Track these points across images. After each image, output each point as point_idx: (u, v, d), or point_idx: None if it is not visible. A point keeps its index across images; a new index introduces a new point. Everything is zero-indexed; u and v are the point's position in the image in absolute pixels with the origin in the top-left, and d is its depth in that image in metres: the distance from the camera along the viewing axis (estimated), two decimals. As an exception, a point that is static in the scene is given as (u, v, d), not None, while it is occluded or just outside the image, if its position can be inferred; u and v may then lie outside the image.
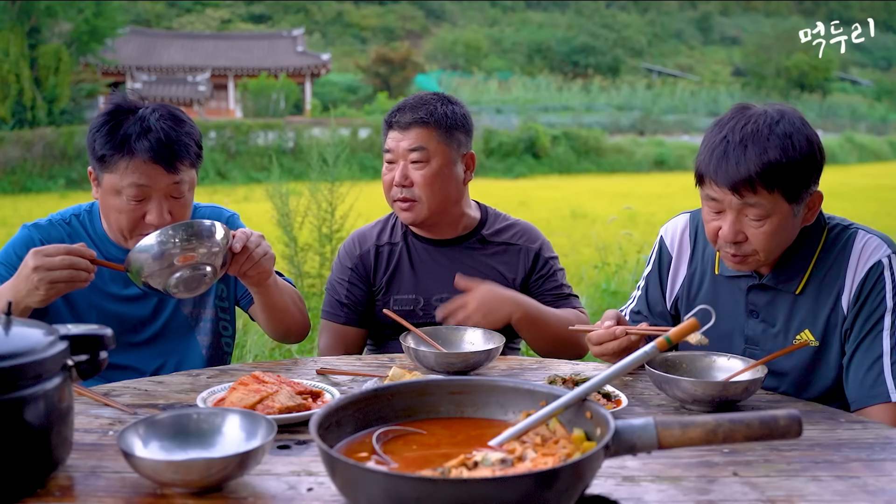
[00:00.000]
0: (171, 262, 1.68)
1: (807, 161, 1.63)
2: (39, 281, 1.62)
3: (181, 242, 1.68)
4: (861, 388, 1.66)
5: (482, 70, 47.93)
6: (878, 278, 1.68)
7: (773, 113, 1.66)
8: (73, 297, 1.95)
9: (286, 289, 2.04)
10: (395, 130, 2.15)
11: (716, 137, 1.66)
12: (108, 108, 1.90)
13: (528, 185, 19.00)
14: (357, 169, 16.58)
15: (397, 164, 2.14)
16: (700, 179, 1.70)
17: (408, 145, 2.12)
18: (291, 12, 57.25)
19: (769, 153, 1.59)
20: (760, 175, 1.59)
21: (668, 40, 62.60)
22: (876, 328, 1.67)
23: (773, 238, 1.66)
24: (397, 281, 2.23)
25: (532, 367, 1.88)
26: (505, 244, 2.24)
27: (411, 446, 1.14)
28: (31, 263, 1.63)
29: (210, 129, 22.17)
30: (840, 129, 35.68)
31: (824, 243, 1.75)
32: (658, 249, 2.00)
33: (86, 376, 1.22)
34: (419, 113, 2.12)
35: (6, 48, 22.85)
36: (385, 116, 2.20)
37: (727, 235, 1.67)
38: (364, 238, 2.29)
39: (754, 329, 1.81)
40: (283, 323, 2.05)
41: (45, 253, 1.63)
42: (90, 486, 1.16)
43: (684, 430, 1.04)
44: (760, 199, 1.62)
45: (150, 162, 1.82)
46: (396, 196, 2.14)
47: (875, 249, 1.70)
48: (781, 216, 1.64)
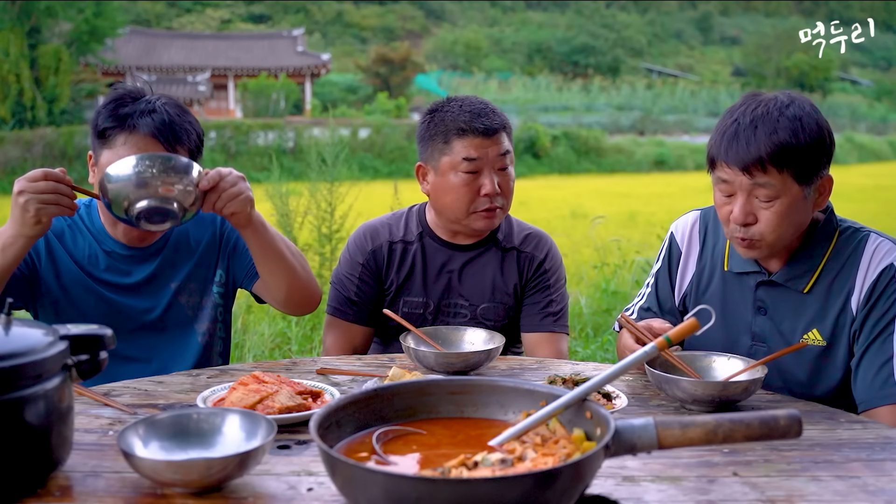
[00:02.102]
0: (144, 183, 1.65)
1: (817, 144, 1.64)
2: (27, 202, 1.65)
3: (159, 174, 1.66)
4: (870, 390, 1.66)
5: (482, 70, 47.96)
6: (889, 281, 1.68)
7: (784, 98, 1.68)
8: (71, 285, 1.96)
9: (281, 237, 1.98)
10: (478, 137, 2.05)
11: (727, 121, 1.69)
12: (114, 94, 1.93)
13: (528, 185, 18.97)
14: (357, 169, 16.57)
15: (482, 172, 2.06)
16: (712, 163, 1.72)
17: (498, 150, 2.07)
18: (291, 12, 57.25)
19: (779, 133, 1.61)
20: (770, 155, 1.61)
21: (668, 40, 62.61)
22: (886, 330, 1.67)
23: (783, 220, 1.66)
24: (410, 282, 2.19)
25: (532, 367, 1.88)
26: (516, 250, 2.21)
27: (411, 446, 1.14)
28: (17, 188, 1.67)
29: (210, 129, 22.16)
30: (840, 129, 35.60)
31: (836, 244, 1.75)
32: (668, 245, 2.00)
33: (86, 376, 1.22)
34: (496, 119, 2.08)
35: (6, 48, 22.84)
36: (450, 124, 2.08)
37: (737, 217, 1.68)
38: (376, 233, 2.22)
39: (762, 326, 1.81)
40: (283, 275, 1.95)
41: (28, 178, 1.67)
42: (90, 486, 1.16)
43: (684, 430, 1.04)
44: (770, 180, 1.63)
45: (150, 137, 1.84)
46: (485, 206, 2.07)
47: (887, 253, 1.71)
48: (791, 198, 1.65)
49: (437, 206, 2.15)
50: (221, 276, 2.11)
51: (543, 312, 2.19)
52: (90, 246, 2.00)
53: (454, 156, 2.06)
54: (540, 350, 2.16)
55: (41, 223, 1.69)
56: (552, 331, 2.18)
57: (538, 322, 2.19)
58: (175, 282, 2.05)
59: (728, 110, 1.73)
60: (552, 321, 2.19)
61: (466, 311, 2.18)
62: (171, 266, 2.05)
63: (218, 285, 2.11)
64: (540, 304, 2.19)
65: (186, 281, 2.06)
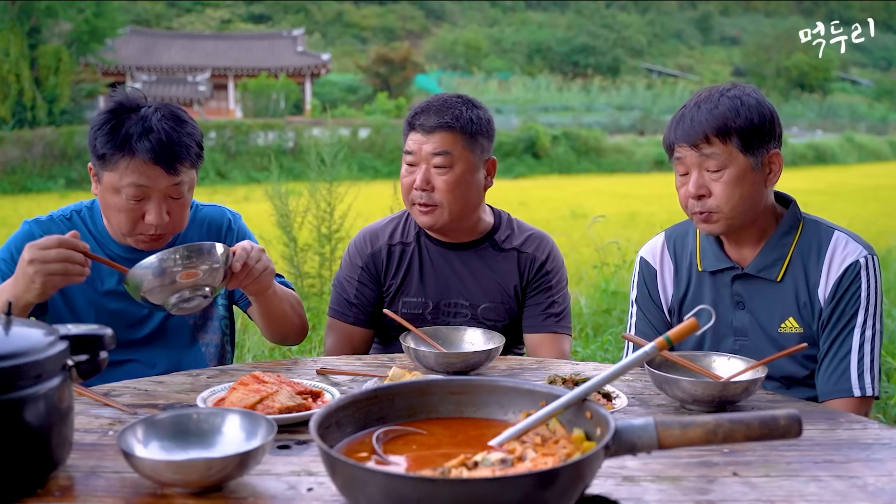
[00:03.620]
0: (172, 279, 1.66)
1: (757, 116, 1.78)
2: (35, 273, 1.62)
3: (182, 260, 1.66)
4: (828, 382, 1.78)
5: (482, 70, 47.96)
6: (854, 277, 1.78)
7: (727, 85, 1.86)
8: (72, 295, 1.96)
9: (285, 295, 2.03)
10: (418, 132, 2.09)
11: (678, 112, 1.86)
12: (109, 105, 1.89)
13: (528, 184, 19.00)
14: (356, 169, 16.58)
15: (419, 167, 2.08)
16: (669, 150, 1.86)
17: (431, 149, 2.06)
18: (291, 12, 57.25)
19: (719, 108, 1.77)
20: (713, 128, 1.76)
21: (668, 40, 62.61)
22: (848, 326, 1.78)
23: (734, 190, 1.78)
24: (407, 283, 2.20)
25: (532, 367, 1.88)
26: (516, 250, 2.21)
27: (411, 446, 1.14)
28: (27, 257, 1.63)
29: (210, 129, 22.17)
30: (840, 129, 35.68)
31: (801, 235, 1.85)
32: (640, 270, 2.05)
33: (86, 376, 1.22)
34: (445, 117, 2.06)
35: (6, 48, 22.85)
36: (407, 117, 2.14)
37: (690, 190, 1.80)
38: (376, 236, 2.24)
39: (742, 320, 1.88)
40: (280, 328, 2.05)
41: (39, 246, 1.63)
42: (90, 486, 1.16)
43: (684, 430, 1.04)
44: (715, 150, 1.77)
45: (151, 163, 1.82)
46: (417, 200, 2.09)
47: (853, 250, 1.80)
48: (738, 168, 1.77)
49: None
50: (225, 290, 2.11)
51: (546, 313, 2.19)
52: (92, 250, 1.99)
53: (406, 149, 2.13)
54: (542, 351, 2.16)
55: (46, 293, 1.67)
56: (554, 332, 2.19)
57: (540, 323, 2.19)
58: None
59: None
60: (554, 322, 2.19)
61: (467, 310, 2.18)
62: None
63: (223, 297, 2.11)
64: (542, 305, 2.19)
65: None
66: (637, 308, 2.04)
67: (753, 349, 1.84)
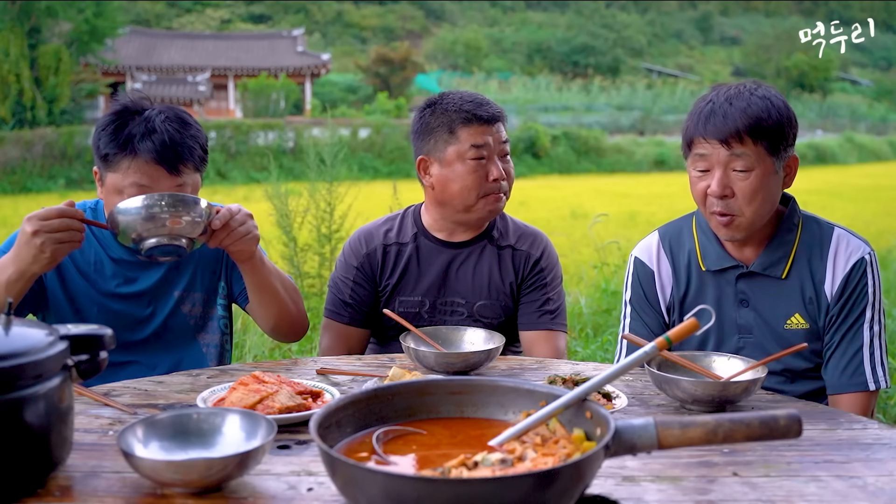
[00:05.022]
0: (152, 216, 1.68)
1: (785, 119, 1.77)
2: (44, 244, 1.64)
3: (167, 207, 1.68)
4: (841, 377, 1.80)
5: (482, 70, 47.91)
6: (861, 274, 1.81)
7: (750, 83, 1.83)
8: (76, 295, 1.96)
9: (277, 273, 2.00)
10: (483, 124, 2.14)
11: (702, 104, 1.81)
12: (114, 107, 1.91)
13: (528, 184, 18.97)
14: (356, 169, 16.58)
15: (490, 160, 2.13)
16: (689, 143, 1.83)
17: (500, 138, 2.14)
18: (291, 12, 57.24)
19: (752, 108, 1.74)
20: (747, 127, 1.73)
21: (668, 40, 62.60)
22: (858, 321, 1.80)
23: (759, 194, 1.76)
24: (404, 282, 2.20)
25: (532, 367, 1.88)
26: (511, 248, 2.22)
27: (411, 446, 1.13)
28: (30, 228, 1.65)
29: (210, 129, 22.15)
30: (840, 129, 35.65)
31: (802, 232, 1.86)
32: (635, 270, 2.03)
33: (86, 376, 1.22)
34: (495, 108, 2.18)
35: (6, 48, 22.85)
36: (458, 114, 2.12)
37: (714, 189, 1.77)
38: (371, 236, 2.25)
39: (746, 318, 1.88)
40: (273, 309, 1.99)
41: (41, 216, 1.66)
42: (90, 486, 1.16)
43: (684, 430, 1.04)
44: (746, 150, 1.74)
45: (153, 163, 1.83)
46: (493, 190, 2.12)
47: (856, 247, 1.83)
48: (764, 170, 1.76)
49: (442, 197, 2.15)
50: (224, 289, 2.12)
51: (541, 311, 2.19)
52: (96, 253, 2.00)
53: (461, 144, 2.10)
54: (538, 348, 2.17)
55: (55, 261, 1.69)
56: (550, 329, 2.19)
57: (535, 320, 2.19)
58: (178, 290, 2.05)
59: (700, 98, 1.85)
60: (549, 319, 2.19)
61: (463, 308, 2.19)
62: (177, 272, 2.05)
63: (222, 297, 2.11)
64: (537, 302, 2.20)
65: (189, 289, 2.06)
66: (631, 308, 2.03)
67: (758, 346, 1.85)
